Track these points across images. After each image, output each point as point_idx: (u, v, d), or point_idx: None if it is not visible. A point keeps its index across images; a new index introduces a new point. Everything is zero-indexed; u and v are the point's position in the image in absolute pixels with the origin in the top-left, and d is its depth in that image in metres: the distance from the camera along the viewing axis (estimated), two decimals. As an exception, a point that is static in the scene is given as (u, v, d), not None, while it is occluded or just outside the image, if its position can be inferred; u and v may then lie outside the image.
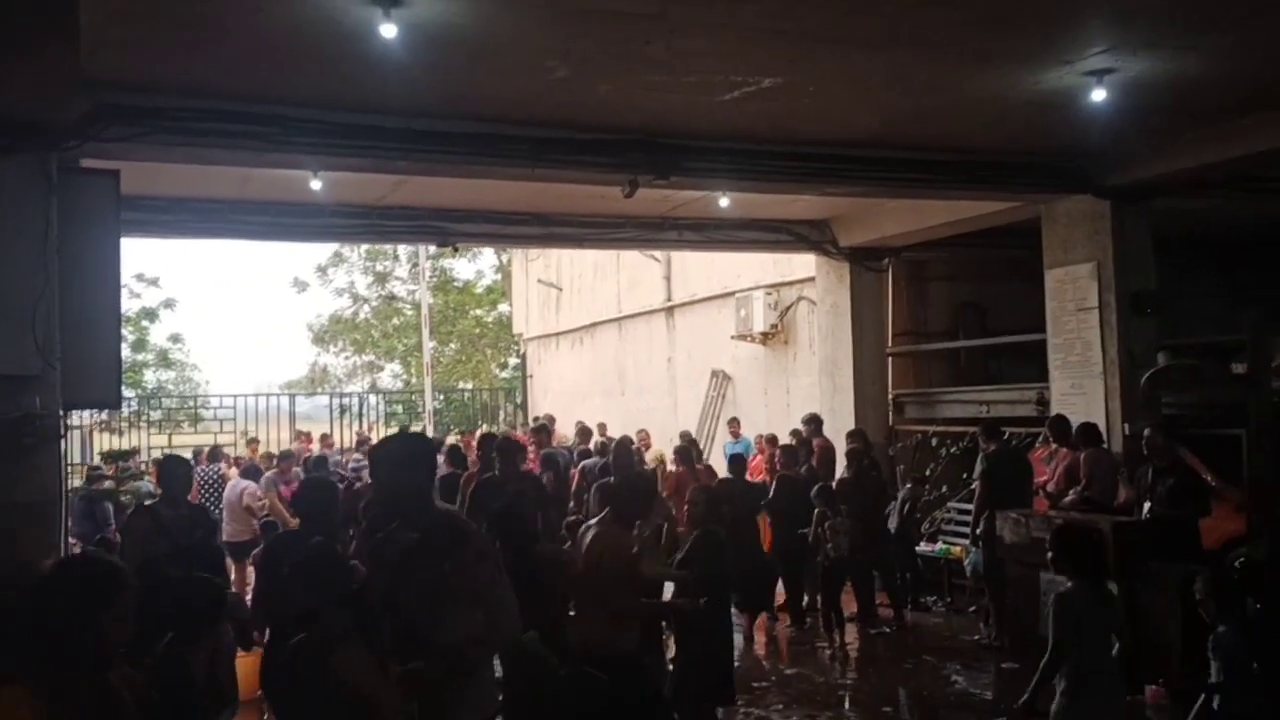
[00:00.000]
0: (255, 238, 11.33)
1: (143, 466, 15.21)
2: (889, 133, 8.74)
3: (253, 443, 19.95)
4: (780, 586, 10.83)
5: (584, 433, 15.08)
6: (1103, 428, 9.90)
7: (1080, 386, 10.44)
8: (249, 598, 7.58)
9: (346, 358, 35.77)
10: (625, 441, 9.23)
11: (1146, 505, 8.71)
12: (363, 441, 16.64)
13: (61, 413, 6.91)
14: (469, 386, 32.14)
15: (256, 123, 7.34)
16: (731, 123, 8.30)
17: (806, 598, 10.87)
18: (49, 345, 6.59)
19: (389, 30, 5.78)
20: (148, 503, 7.47)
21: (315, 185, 9.35)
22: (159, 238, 10.54)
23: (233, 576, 10.61)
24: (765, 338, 15.91)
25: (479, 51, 6.48)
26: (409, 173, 8.68)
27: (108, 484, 11.54)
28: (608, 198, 10.84)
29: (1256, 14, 6.34)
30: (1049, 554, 5.33)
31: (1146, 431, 8.92)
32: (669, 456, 13.13)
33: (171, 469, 7.39)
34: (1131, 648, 7.19)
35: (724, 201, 11.05)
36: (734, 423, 15.54)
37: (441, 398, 27.90)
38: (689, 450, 11.57)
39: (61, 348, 6.72)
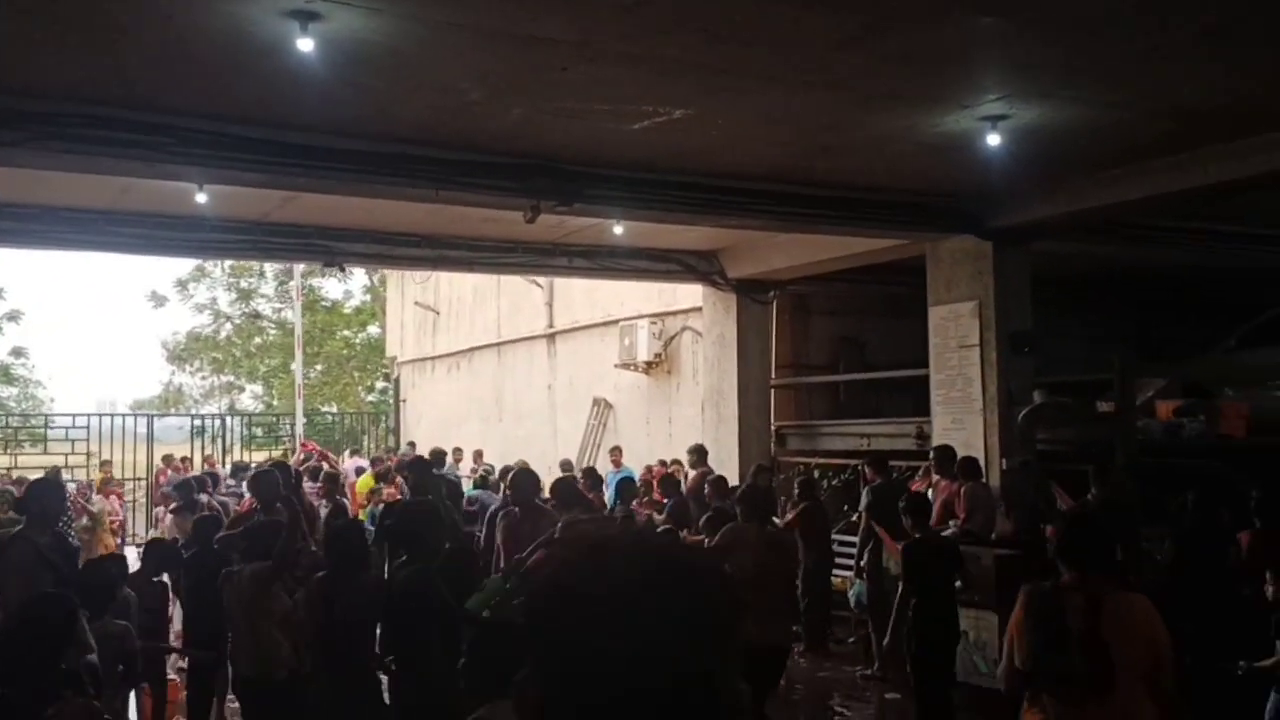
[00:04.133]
0: (131, 251, 10.81)
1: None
2: (788, 168, 8.90)
3: (105, 465, 19.03)
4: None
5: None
6: (981, 462, 10.23)
7: (961, 422, 10.77)
8: None
9: (204, 377, 34.52)
10: (525, 469, 9.10)
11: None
12: (241, 467, 15.97)
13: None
14: (333, 410, 31.39)
15: (150, 132, 7.03)
16: (637, 152, 8.33)
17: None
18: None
19: (305, 44, 5.62)
20: (16, 530, 6.98)
21: (201, 198, 9.00)
22: (25, 248, 9.98)
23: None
24: (649, 367, 15.97)
25: (394, 70, 6.35)
26: (309, 190, 8.43)
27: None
28: (499, 221, 10.75)
29: (1142, 74, 6.69)
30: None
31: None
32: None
33: (44, 491, 6.93)
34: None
35: (618, 229, 11.07)
36: (616, 451, 15.53)
37: (304, 421, 27.18)
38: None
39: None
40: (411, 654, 5.12)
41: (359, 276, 32.14)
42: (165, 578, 7.29)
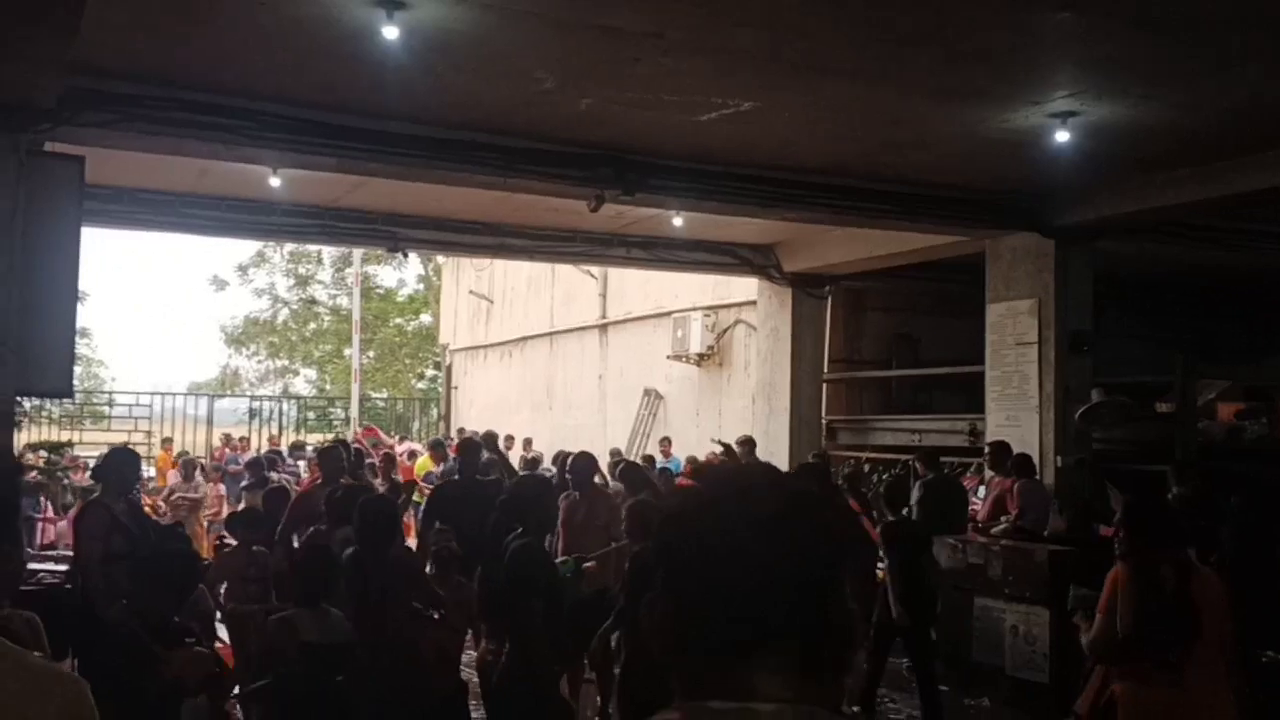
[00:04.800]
0: (205, 233, 11.10)
1: (77, 462, 14.80)
2: (852, 162, 8.96)
3: (167, 443, 19.47)
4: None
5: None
6: (1035, 459, 10.22)
7: (1015, 419, 10.77)
8: None
9: (260, 361, 35.11)
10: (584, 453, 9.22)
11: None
12: (298, 447, 16.32)
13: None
14: (384, 395, 31.80)
15: (233, 116, 7.26)
16: (701, 143, 8.43)
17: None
18: (9, 330, 6.43)
19: (390, 32, 5.78)
20: (94, 496, 7.22)
21: (274, 182, 9.24)
22: (107, 228, 10.29)
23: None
24: (701, 359, 16.07)
25: (472, 59, 6.50)
26: (380, 175, 8.62)
27: (37, 475, 11.16)
28: (561, 210, 10.90)
29: (1215, 74, 6.68)
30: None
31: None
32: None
33: (122, 460, 7.15)
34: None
35: (677, 221, 11.18)
36: (665, 442, 15.65)
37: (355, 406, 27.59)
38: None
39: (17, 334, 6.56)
40: (520, 620, 5.32)
41: (413, 265, 32.58)
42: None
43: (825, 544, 1.31)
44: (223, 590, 6.45)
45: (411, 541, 8.75)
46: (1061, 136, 7.71)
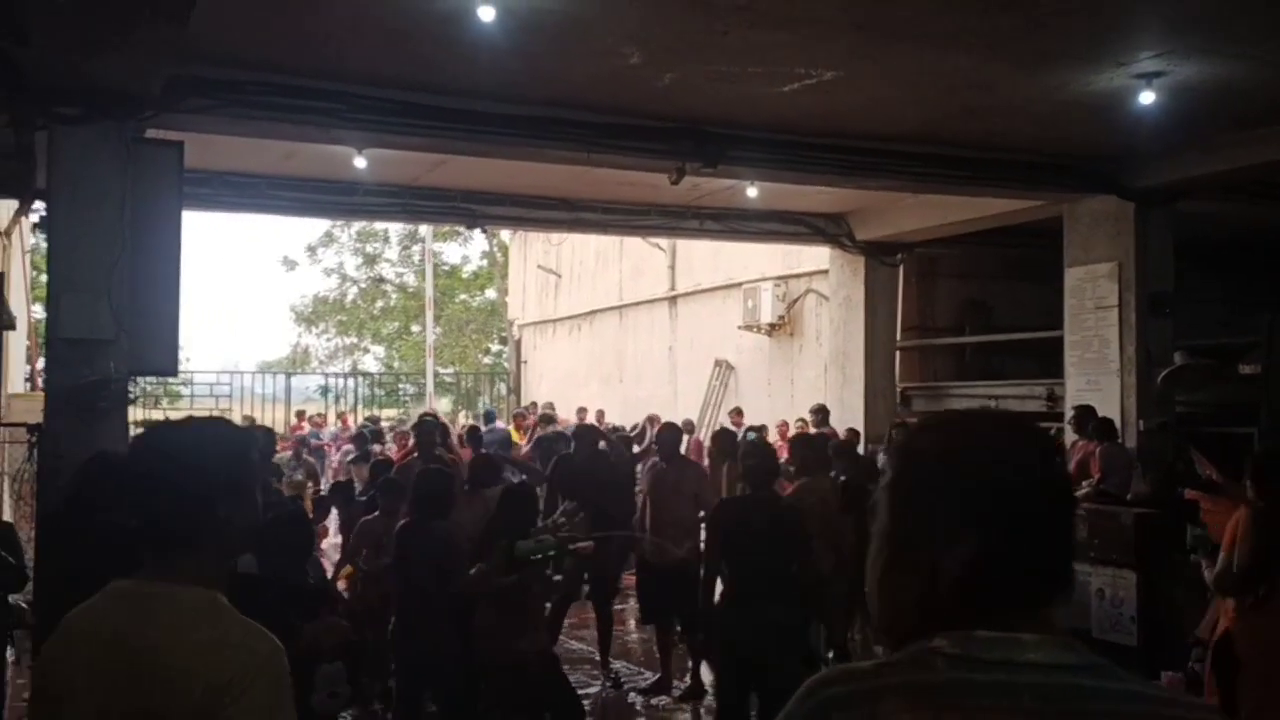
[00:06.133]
0: (291, 213, 11.39)
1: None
2: (931, 129, 8.95)
3: (248, 420, 19.95)
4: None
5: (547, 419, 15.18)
6: (1118, 424, 10.19)
7: (1096, 383, 10.73)
8: None
9: (329, 339, 35.70)
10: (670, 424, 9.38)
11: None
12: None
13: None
14: (450, 370, 32.20)
15: (326, 99, 7.44)
16: (782, 114, 8.48)
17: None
18: (122, 311, 6.70)
19: (487, 13, 5.93)
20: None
21: (360, 163, 9.45)
22: (198, 211, 10.56)
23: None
24: (772, 329, 16.14)
25: (562, 36, 6.63)
26: (466, 153, 8.80)
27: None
28: (635, 184, 11.01)
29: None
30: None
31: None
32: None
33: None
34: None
35: (751, 192, 11.23)
36: (736, 412, 15.75)
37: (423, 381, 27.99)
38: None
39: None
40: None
41: (478, 241, 32.87)
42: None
43: (1071, 480, 1.41)
44: (363, 555, 6.79)
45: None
46: (1146, 98, 7.66)
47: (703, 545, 6.53)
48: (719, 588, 5.82)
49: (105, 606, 1.92)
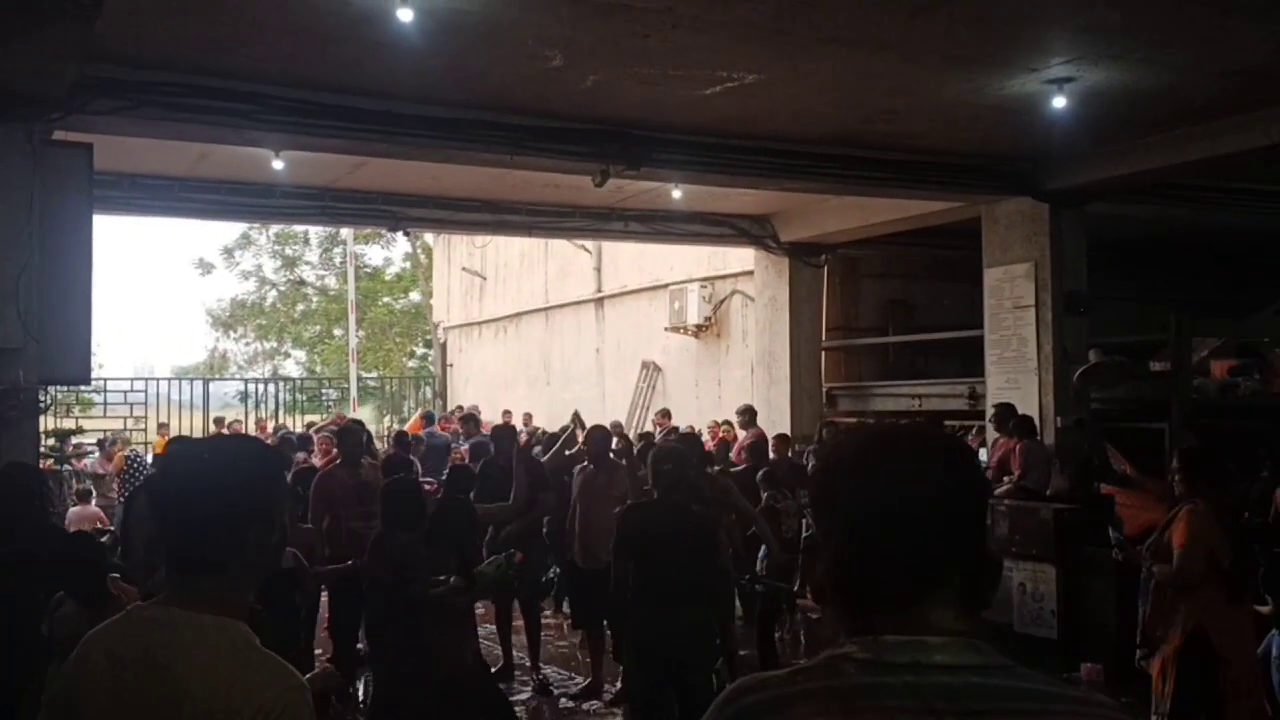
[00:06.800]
0: (206, 216, 11.15)
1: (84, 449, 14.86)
2: (853, 131, 9.06)
3: (163, 428, 19.49)
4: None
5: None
6: (1036, 421, 10.41)
7: (1015, 381, 10.94)
8: None
9: (248, 343, 35.03)
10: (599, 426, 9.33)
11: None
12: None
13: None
14: (375, 375, 31.80)
15: (241, 100, 7.30)
16: (705, 117, 8.52)
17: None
18: (30, 318, 6.50)
19: (405, 14, 5.85)
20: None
21: (277, 165, 9.29)
22: (109, 215, 10.31)
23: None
24: (699, 330, 16.20)
25: (484, 38, 6.57)
26: (388, 155, 8.69)
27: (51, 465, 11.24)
28: (560, 186, 10.98)
29: (1209, 34, 6.80)
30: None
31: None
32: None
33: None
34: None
35: (676, 194, 11.27)
36: (663, 414, 15.77)
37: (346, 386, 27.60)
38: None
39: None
40: None
41: (401, 244, 32.52)
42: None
43: (984, 482, 1.45)
44: None
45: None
46: (1058, 102, 7.84)
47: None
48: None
49: (129, 630, 1.86)
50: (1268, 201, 11.97)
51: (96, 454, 14.96)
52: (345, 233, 27.45)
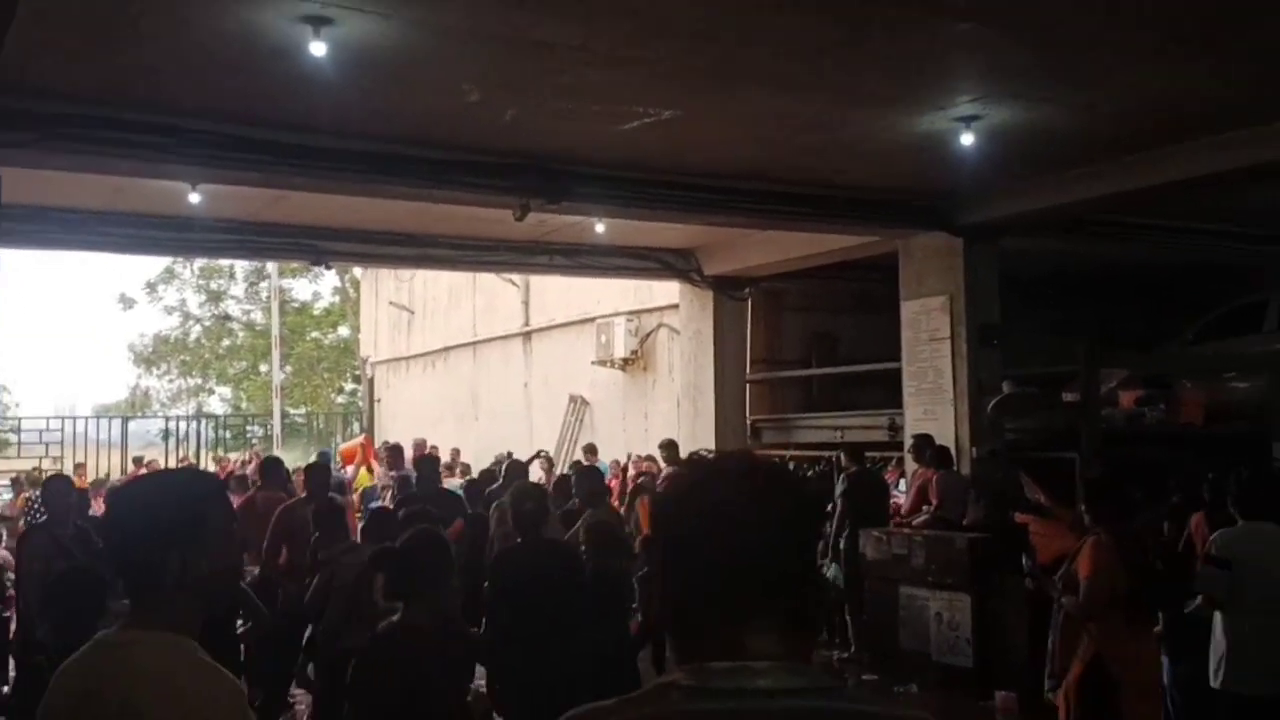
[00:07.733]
0: (122, 250, 10.96)
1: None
2: (770, 167, 9.21)
3: (80, 469, 19.03)
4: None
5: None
6: (953, 451, 10.59)
7: (932, 412, 11.14)
8: None
9: (172, 380, 34.37)
10: (517, 461, 9.31)
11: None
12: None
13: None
14: (302, 411, 31.39)
15: (154, 132, 7.21)
16: (625, 152, 8.61)
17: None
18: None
19: (318, 48, 5.85)
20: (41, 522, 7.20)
21: (194, 198, 9.19)
22: (19, 248, 10.10)
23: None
24: (625, 364, 16.26)
25: (399, 73, 6.59)
26: (306, 189, 8.64)
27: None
28: (483, 220, 10.99)
29: (1109, 75, 7.04)
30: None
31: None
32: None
33: (56, 489, 7.14)
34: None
35: (599, 228, 11.34)
36: (589, 449, 15.76)
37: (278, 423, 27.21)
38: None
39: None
40: None
41: (329, 278, 32.23)
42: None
43: (807, 511, 1.49)
44: None
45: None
46: (965, 139, 8.05)
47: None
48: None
49: (88, 657, 2.02)
50: (1180, 237, 12.34)
51: (8, 496, 14.60)
52: (270, 266, 27.13)
